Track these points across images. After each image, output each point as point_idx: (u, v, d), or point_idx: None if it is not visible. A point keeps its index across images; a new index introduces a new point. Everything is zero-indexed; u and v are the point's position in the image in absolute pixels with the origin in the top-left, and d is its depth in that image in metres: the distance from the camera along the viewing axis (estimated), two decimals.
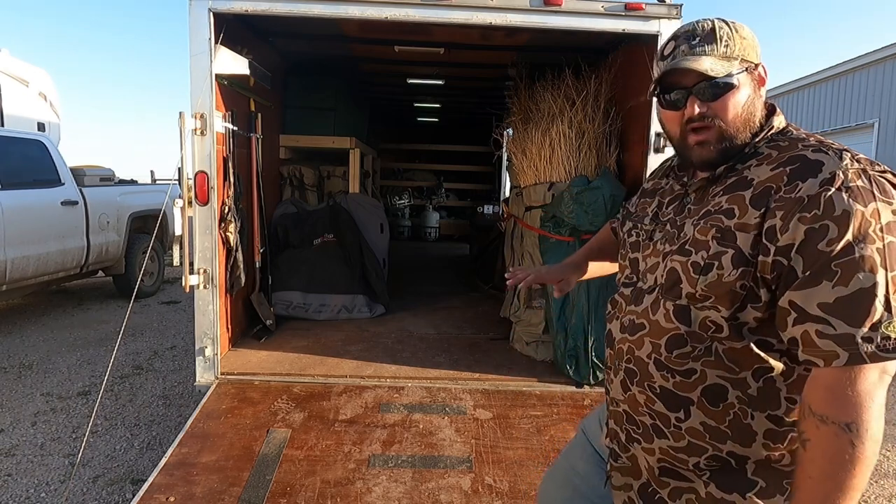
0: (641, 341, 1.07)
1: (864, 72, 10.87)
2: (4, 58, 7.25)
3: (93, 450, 3.06)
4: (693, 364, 0.99)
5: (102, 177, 6.21)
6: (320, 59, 5.01)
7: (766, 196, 0.92)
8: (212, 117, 2.93)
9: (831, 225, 0.85)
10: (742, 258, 0.93)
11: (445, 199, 10.60)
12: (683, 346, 1.00)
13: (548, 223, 3.53)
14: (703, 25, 1.03)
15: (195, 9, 2.84)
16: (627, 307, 1.14)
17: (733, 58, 1.00)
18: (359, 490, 2.20)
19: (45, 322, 5.49)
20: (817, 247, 0.86)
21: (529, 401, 2.99)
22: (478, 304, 5.06)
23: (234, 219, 3.34)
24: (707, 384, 0.99)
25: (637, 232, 1.19)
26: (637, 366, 1.08)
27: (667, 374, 1.02)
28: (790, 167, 0.92)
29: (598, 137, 3.60)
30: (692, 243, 1.00)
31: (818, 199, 0.87)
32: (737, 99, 1.00)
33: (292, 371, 3.23)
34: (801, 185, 0.89)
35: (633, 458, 1.12)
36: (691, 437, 1.01)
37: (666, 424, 1.04)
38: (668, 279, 1.03)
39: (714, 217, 0.98)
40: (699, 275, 0.97)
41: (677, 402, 1.02)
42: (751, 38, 1.02)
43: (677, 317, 1.01)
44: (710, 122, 1.01)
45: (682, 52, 1.02)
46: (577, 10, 2.87)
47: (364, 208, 4.92)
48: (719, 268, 0.94)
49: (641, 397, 1.07)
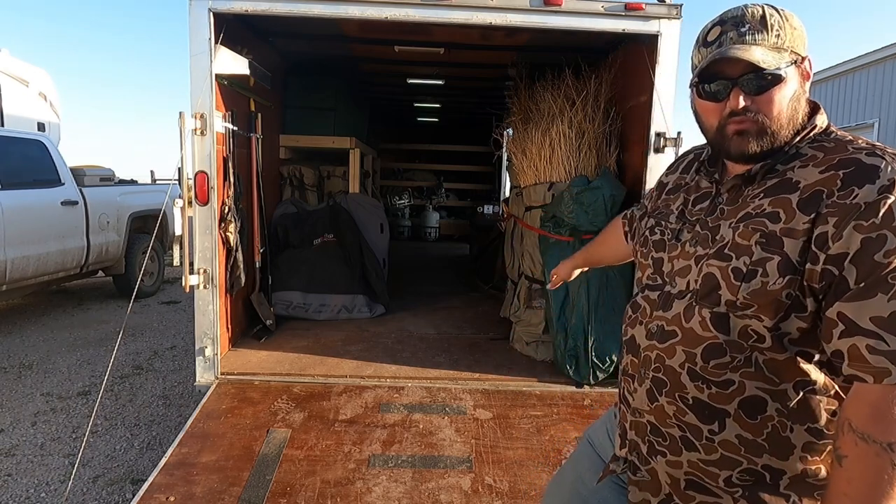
0: (673, 350, 1.00)
1: (864, 72, 10.87)
2: (4, 58, 7.25)
3: (93, 450, 3.06)
4: (731, 375, 0.94)
5: (102, 177, 6.21)
6: (320, 59, 5.01)
7: (816, 200, 0.87)
8: (212, 117, 2.93)
9: (890, 235, 0.80)
10: (789, 265, 0.87)
11: (445, 199, 10.59)
12: (722, 356, 0.94)
13: (548, 223, 3.53)
14: (754, 12, 0.95)
15: (195, 9, 2.84)
16: (654, 312, 1.06)
17: (784, 49, 0.93)
18: (359, 490, 2.20)
19: (45, 322, 5.49)
20: (874, 257, 0.81)
21: (529, 401, 2.99)
22: (478, 304, 5.06)
23: (234, 219, 3.34)
24: (745, 396, 0.94)
25: (661, 230, 1.12)
26: (667, 375, 1.01)
27: (702, 385, 0.96)
28: (844, 171, 0.86)
29: (598, 137, 3.59)
30: (732, 247, 0.94)
31: (877, 207, 0.81)
32: (783, 93, 0.94)
33: (292, 371, 3.23)
34: (857, 190, 0.83)
35: (654, 471, 1.07)
36: (725, 450, 0.96)
37: (697, 437, 0.98)
38: (704, 285, 0.97)
39: (756, 220, 0.92)
40: (741, 282, 0.91)
41: (712, 413, 0.96)
42: (800, 29, 0.95)
43: (715, 325, 0.95)
44: (753, 115, 0.95)
45: (731, 39, 0.94)
46: (577, 10, 2.87)
47: (364, 208, 4.92)
48: (763, 275, 0.89)
49: (671, 408, 1.01)
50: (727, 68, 0.95)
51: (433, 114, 9.05)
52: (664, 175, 1.26)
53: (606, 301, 3.25)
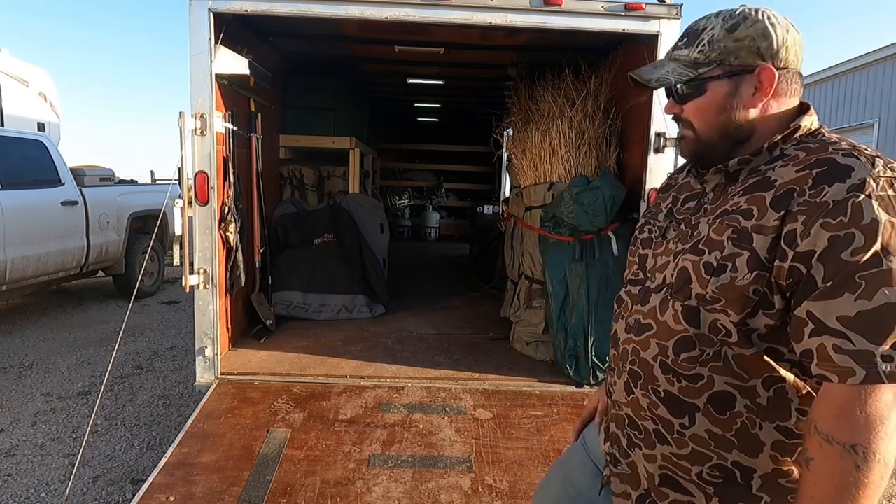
0: (647, 342, 1.02)
1: (864, 72, 10.87)
2: (4, 58, 7.25)
3: (93, 450, 3.06)
4: (701, 369, 0.95)
5: (102, 177, 6.21)
6: (320, 59, 5.01)
7: (787, 198, 0.87)
8: (212, 117, 2.93)
9: (858, 233, 0.80)
10: (758, 262, 0.88)
11: (445, 199, 10.59)
12: (692, 349, 0.96)
13: (548, 223, 3.53)
14: (701, 23, 1.00)
15: (195, 9, 2.84)
16: (634, 306, 1.09)
17: (705, 63, 0.97)
18: (359, 490, 2.20)
19: (45, 322, 5.49)
20: (841, 256, 0.81)
21: (529, 401, 2.99)
22: (478, 304, 5.06)
23: (234, 219, 3.34)
24: (714, 391, 0.94)
25: (650, 228, 1.14)
26: (642, 368, 1.03)
27: (672, 378, 0.98)
28: (817, 170, 0.87)
29: (598, 137, 3.60)
30: (706, 242, 0.95)
31: (845, 205, 0.81)
32: (704, 105, 0.98)
33: (292, 371, 3.23)
34: (827, 188, 0.84)
35: (633, 464, 1.08)
36: (695, 444, 0.97)
37: (669, 430, 0.99)
38: (678, 279, 0.98)
39: (731, 217, 0.93)
40: (711, 276, 0.92)
41: (682, 407, 0.97)
42: (750, 39, 0.95)
43: (686, 318, 0.96)
44: (685, 123, 1.03)
45: (667, 53, 1.05)
46: (577, 10, 2.87)
47: (364, 208, 4.92)
48: (733, 270, 0.90)
49: (645, 401, 1.03)
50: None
51: (433, 114, 9.05)
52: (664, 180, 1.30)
53: (606, 301, 3.25)
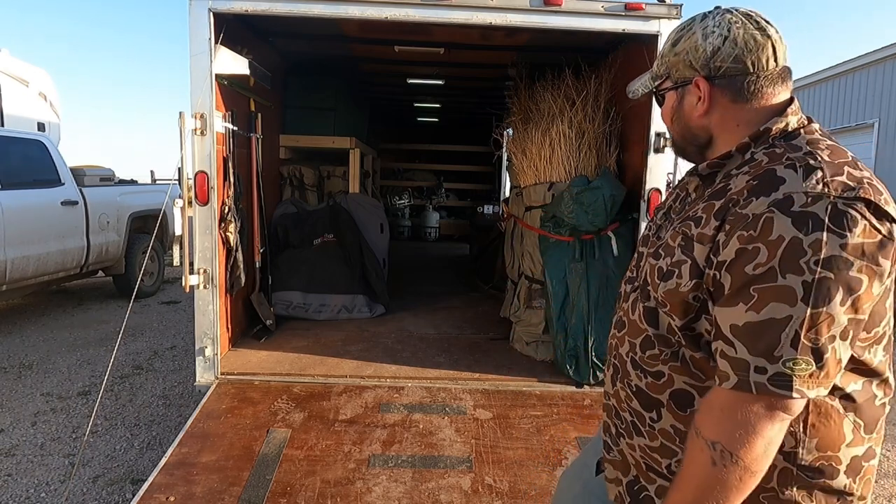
0: (623, 339, 1.08)
1: (864, 72, 10.87)
2: (4, 58, 7.25)
3: (93, 450, 3.06)
4: (662, 367, 0.99)
5: (102, 177, 6.22)
6: (320, 59, 5.01)
7: (726, 208, 0.89)
8: (212, 117, 2.93)
9: (763, 248, 0.81)
10: (696, 269, 0.91)
11: (445, 199, 10.59)
12: (652, 347, 1.00)
13: (548, 223, 3.53)
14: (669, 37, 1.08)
15: (195, 9, 2.84)
16: (620, 304, 1.15)
17: (661, 76, 1.08)
18: (359, 490, 2.20)
19: (45, 322, 5.49)
20: (744, 268, 0.83)
21: (529, 401, 2.99)
22: (478, 304, 5.06)
23: (234, 219, 3.34)
24: (674, 388, 0.98)
25: (650, 226, 1.17)
26: (619, 362, 1.09)
27: (640, 374, 1.03)
28: (756, 181, 0.87)
29: (598, 137, 3.60)
30: (664, 247, 1.00)
31: (759, 220, 0.82)
32: (664, 113, 1.10)
33: (292, 371, 3.23)
34: (753, 201, 0.85)
35: (622, 451, 1.12)
36: (663, 438, 1.01)
37: (642, 423, 1.04)
38: (643, 280, 1.04)
39: (686, 223, 0.96)
40: (661, 280, 0.97)
41: (650, 402, 1.02)
42: (685, 52, 1.00)
43: (647, 319, 1.02)
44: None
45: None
46: (577, 10, 2.87)
47: (364, 208, 4.92)
48: (678, 276, 0.93)
49: (622, 393, 1.08)
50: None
51: (433, 114, 9.06)
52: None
53: (606, 301, 3.25)
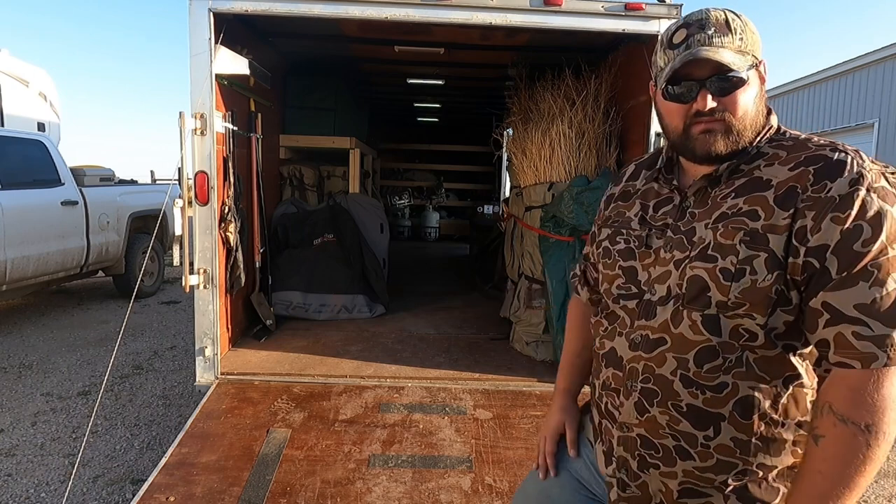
0: (663, 357, 0.99)
1: (863, 72, 10.87)
2: (4, 58, 7.25)
3: (93, 450, 3.06)
4: (724, 377, 0.95)
5: (102, 177, 6.21)
6: (320, 59, 5.01)
7: (793, 196, 0.90)
8: (212, 117, 2.93)
9: (865, 226, 0.84)
10: (776, 261, 0.90)
11: (445, 199, 10.59)
12: (714, 358, 0.95)
13: (548, 223, 3.53)
14: (717, 16, 0.97)
15: (195, 9, 2.84)
16: (636, 322, 1.05)
17: (746, 52, 0.96)
18: (359, 490, 2.20)
19: (45, 322, 5.49)
20: (853, 248, 0.84)
21: (529, 401, 2.99)
22: (478, 304, 5.06)
23: (234, 219, 3.34)
24: (739, 397, 0.95)
25: (625, 238, 1.11)
26: (658, 385, 1.00)
27: (696, 391, 0.96)
28: (814, 167, 0.90)
29: (598, 137, 3.59)
30: (715, 248, 0.94)
31: (851, 199, 0.85)
32: (747, 95, 0.96)
33: (292, 371, 3.23)
34: (830, 184, 0.87)
35: (644, 485, 1.06)
36: (720, 454, 0.97)
37: (693, 445, 0.98)
38: (690, 288, 0.96)
39: (735, 220, 0.94)
40: (731, 281, 0.92)
41: (706, 419, 0.97)
42: (757, 34, 0.99)
43: (707, 327, 0.95)
44: (719, 115, 0.97)
45: (698, 41, 0.95)
46: (577, 10, 2.87)
47: (364, 208, 4.92)
48: (752, 273, 0.91)
49: (664, 418, 1.00)
50: (695, 70, 0.96)
51: (433, 114, 9.05)
52: (608, 190, 1.26)
53: None
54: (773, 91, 13.47)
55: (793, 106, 13.13)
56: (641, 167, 1.20)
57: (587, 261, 1.30)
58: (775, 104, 13.18)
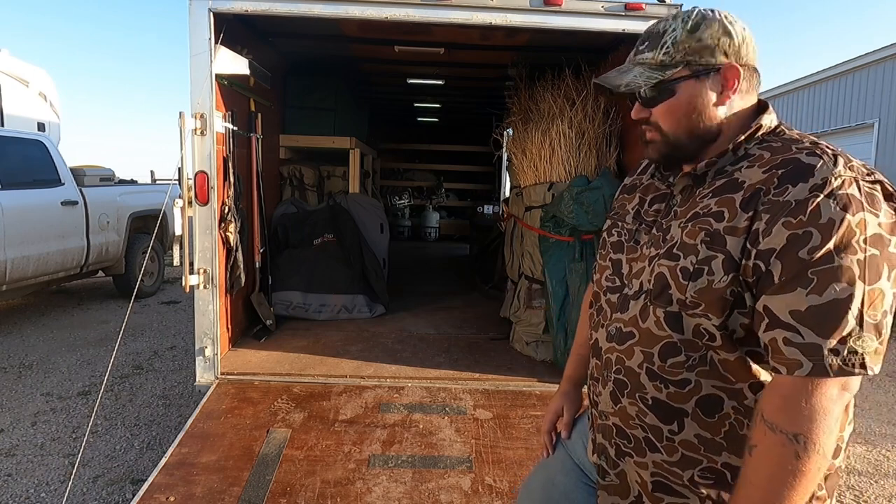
0: (631, 350, 1.02)
1: (863, 72, 10.86)
2: (4, 58, 7.25)
3: (93, 450, 3.06)
4: (688, 374, 0.95)
5: (102, 177, 6.22)
6: (320, 59, 5.01)
7: (755, 199, 0.89)
8: (212, 117, 2.93)
9: (815, 232, 0.82)
10: (732, 263, 0.89)
11: (445, 199, 10.60)
12: (677, 354, 0.96)
13: (548, 223, 3.54)
14: (660, 26, 1.00)
15: (195, 9, 2.84)
16: (613, 314, 1.08)
17: (672, 64, 0.97)
18: (359, 490, 2.20)
19: (45, 322, 5.49)
20: (797, 254, 0.83)
21: (529, 401, 2.99)
22: (478, 304, 5.06)
23: (234, 219, 3.34)
24: (702, 394, 0.95)
25: (619, 231, 1.13)
26: (628, 376, 1.03)
27: (660, 385, 0.98)
28: (782, 170, 0.89)
29: (598, 137, 3.60)
30: (680, 247, 0.96)
31: (805, 205, 0.83)
32: (674, 106, 0.99)
33: (292, 371, 3.23)
34: (790, 188, 0.86)
35: (623, 473, 1.07)
36: (685, 449, 0.98)
37: (659, 438, 1.00)
38: (655, 284, 0.98)
39: (703, 220, 0.94)
40: (688, 280, 0.93)
41: (671, 413, 0.98)
42: (712, 38, 0.96)
43: (669, 324, 0.96)
44: (653, 126, 1.03)
45: (629, 58, 1.04)
46: (577, 10, 2.87)
47: (364, 208, 4.92)
48: (709, 273, 0.91)
49: (633, 409, 1.02)
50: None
51: (433, 114, 9.06)
52: (624, 181, 1.28)
53: None
54: (774, 91, 13.47)
55: (793, 106, 13.12)
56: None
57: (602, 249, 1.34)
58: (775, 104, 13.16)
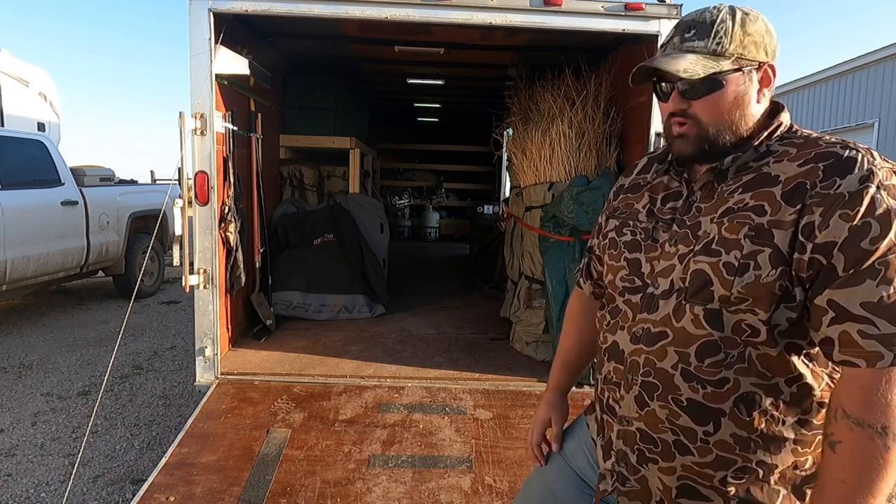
0: (664, 351, 0.99)
1: (863, 72, 10.87)
2: (4, 58, 7.25)
3: (93, 450, 3.06)
4: (726, 372, 0.94)
5: (102, 177, 6.21)
6: (320, 59, 5.01)
7: (801, 192, 0.89)
8: (212, 117, 2.93)
9: (874, 223, 0.83)
10: (780, 256, 0.88)
11: (445, 199, 10.60)
12: (716, 353, 0.94)
13: (548, 223, 3.53)
14: (706, 16, 0.97)
15: (195, 9, 2.84)
16: (638, 315, 1.05)
17: (725, 56, 0.95)
18: (359, 490, 2.20)
19: (45, 322, 5.49)
20: (860, 245, 0.83)
21: (529, 401, 2.99)
22: (478, 304, 5.06)
23: (234, 219, 3.34)
24: (740, 393, 0.94)
25: (631, 230, 1.11)
26: (659, 378, 1.00)
27: (696, 385, 0.96)
28: (823, 163, 0.89)
29: (598, 137, 3.59)
30: (720, 242, 0.94)
31: (860, 196, 0.84)
32: (720, 100, 0.97)
33: (292, 371, 3.23)
34: (839, 181, 0.86)
35: (644, 479, 1.05)
36: (720, 450, 0.96)
37: (692, 440, 0.98)
38: (692, 282, 0.96)
39: (741, 214, 0.93)
40: (734, 276, 0.91)
41: (706, 414, 0.96)
42: (759, 34, 0.96)
43: (709, 322, 0.94)
44: (691, 119, 0.99)
45: (673, 45, 1.00)
46: (577, 10, 2.87)
47: (364, 208, 4.92)
48: (756, 268, 0.90)
49: (663, 412, 0.99)
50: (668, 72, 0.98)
51: (433, 114, 9.05)
52: (618, 181, 1.27)
53: None
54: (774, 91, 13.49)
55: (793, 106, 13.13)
56: (653, 160, 1.20)
57: (591, 253, 1.31)
58: None
